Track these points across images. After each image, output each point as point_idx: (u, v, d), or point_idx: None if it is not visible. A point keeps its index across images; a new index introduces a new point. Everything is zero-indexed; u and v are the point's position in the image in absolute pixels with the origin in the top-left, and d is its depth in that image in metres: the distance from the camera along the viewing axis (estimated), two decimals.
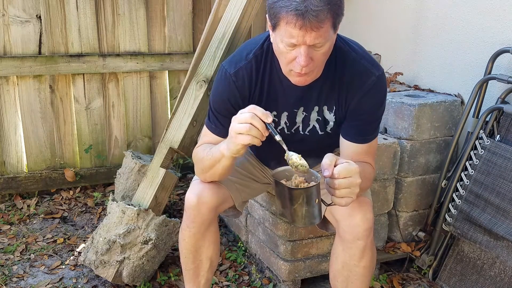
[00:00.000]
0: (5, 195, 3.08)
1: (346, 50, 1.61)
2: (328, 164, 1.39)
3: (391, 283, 2.32)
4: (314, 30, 1.36)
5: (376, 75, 1.60)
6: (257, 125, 1.40)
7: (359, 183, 1.40)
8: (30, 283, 2.31)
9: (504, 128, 2.14)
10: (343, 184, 1.38)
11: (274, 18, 1.41)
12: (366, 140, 1.66)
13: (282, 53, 1.47)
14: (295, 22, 1.35)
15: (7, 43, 2.91)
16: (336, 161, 1.40)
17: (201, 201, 1.68)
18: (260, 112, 1.41)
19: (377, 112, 1.66)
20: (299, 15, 1.34)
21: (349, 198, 1.41)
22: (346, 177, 1.38)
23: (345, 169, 1.38)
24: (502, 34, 2.20)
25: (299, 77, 1.50)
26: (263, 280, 2.31)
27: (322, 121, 1.70)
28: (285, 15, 1.36)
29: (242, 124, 1.41)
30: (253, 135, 1.41)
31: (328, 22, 1.37)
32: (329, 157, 1.41)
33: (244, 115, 1.42)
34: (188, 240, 1.76)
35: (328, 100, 1.65)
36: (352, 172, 1.39)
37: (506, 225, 2.02)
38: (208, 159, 1.61)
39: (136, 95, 3.23)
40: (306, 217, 1.45)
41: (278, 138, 1.43)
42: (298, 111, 1.68)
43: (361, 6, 3.01)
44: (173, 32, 3.23)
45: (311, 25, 1.35)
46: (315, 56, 1.44)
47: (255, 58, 1.62)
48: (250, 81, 1.63)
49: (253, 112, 1.41)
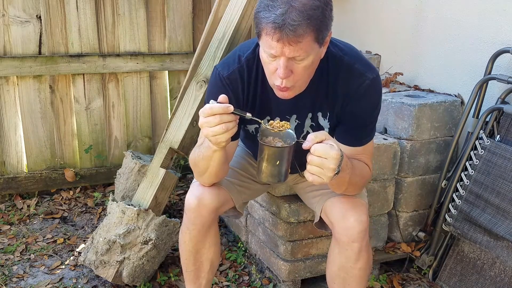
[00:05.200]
0: (5, 195, 3.08)
1: (338, 55, 1.60)
2: (311, 138, 1.39)
3: (391, 283, 2.32)
4: (291, 44, 1.35)
5: (370, 78, 1.58)
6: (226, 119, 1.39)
7: (333, 169, 1.38)
8: (30, 283, 2.31)
9: (504, 128, 2.14)
10: (314, 161, 1.37)
11: (257, 27, 1.41)
12: (361, 143, 1.66)
13: (265, 63, 1.47)
14: (272, 35, 1.35)
15: (7, 43, 2.91)
16: (324, 139, 1.39)
17: (201, 203, 1.68)
18: (220, 109, 1.39)
19: (371, 115, 1.65)
20: (277, 28, 1.33)
21: (318, 178, 1.39)
22: (321, 157, 1.37)
23: (323, 149, 1.37)
24: (502, 34, 2.20)
25: (281, 91, 1.50)
26: (263, 280, 2.31)
27: (316, 128, 1.69)
28: (264, 26, 1.36)
29: (212, 128, 1.40)
30: (227, 131, 1.40)
31: (308, 37, 1.35)
32: (318, 133, 1.41)
33: (208, 119, 1.40)
34: (189, 242, 1.76)
35: (322, 106, 1.65)
36: (328, 155, 1.37)
37: (506, 225, 2.02)
38: (200, 159, 1.61)
39: (136, 95, 3.23)
40: (264, 173, 1.47)
41: (248, 115, 1.44)
42: (290, 118, 1.68)
43: (361, 6, 3.01)
44: (173, 32, 3.23)
45: (288, 39, 1.34)
46: (296, 70, 1.43)
47: (247, 62, 1.62)
48: (242, 84, 1.63)
49: (215, 113, 1.39)
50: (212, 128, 1.40)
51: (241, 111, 1.44)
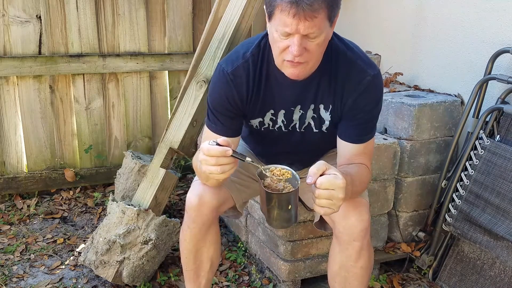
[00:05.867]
0: (5, 195, 3.09)
1: (342, 49, 1.62)
2: (313, 172, 1.38)
3: (391, 283, 2.32)
4: (307, 20, 1.36)
5: (371, 75, 1.60)
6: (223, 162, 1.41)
7: (342, 198, 1.37)
8: (30, 283, 2.31)
9: (504, 128, 2.14)
10: (322, 195, 1.37)
11: (270, 6, 1.42)
12: (362, 140, 1.66)
13: (276, 42, 1.46)
14: (288, 10, 1.36)
15: (7, 43, 2.91)
16: (325, 171, 1.39)
17: (202, 201, 1.68)
18: (218, 153, 1.40)
19: (372, 111, 1.66)
20: (293, 2, 1.35)
21: (329, 209, 1.39)
22: (328, 189, 1.36)
23: (328, 181, 1.36)
24: (502, 34, 2.20)
25: (292, 67, 1.49)
26: (263, 280, 2.31)
27: (318, 119, 1.70)
28: (280, 2, 1.37)
29: (210, 167, 1.42)
30: (223, 173, 1.42)
31: (322, 13, 1.38)
32: (318, 165, 1.40)
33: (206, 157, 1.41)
34: (189, 241, 1.76)
35: (324, 98, 1.66)
36: (335, 186, 1.36)
37: (506, 225, 2.02)
38: (200, 172, 1.61)
39: (136, 95, 3.23)
40: (278, 220, 1.45)
41: (248, 159, 1.44)
42: (295, 109, 1.69)
43: (361, 6, 3.01)
44: (173, 32, 3.23)
45: (304, 14, 1.35)
46: (309, 47, 1.44)
47: (252, 57, 1.63)
48: (247, 79, 1.63)
49: (212, 155, 1.40)
50: (210, 167, 1.42)
51: (240, 155, 1.43)
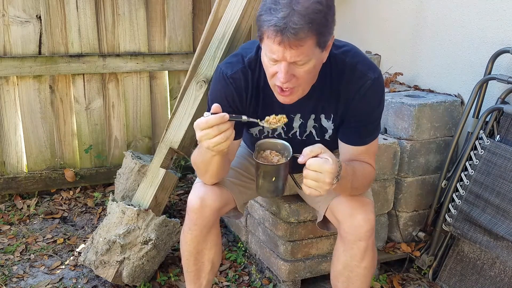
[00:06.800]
0: (5, 195, 3.09)
1: (340, 57, 1.60)
2: (306, 153, 1.41)
3: (391, 283, 2.32)
4: (293, 48, 1.35)
5: (372, 78, 1.59)
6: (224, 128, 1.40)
7: (328, 183, 1.39)
8: (30, 283, 2.31)
9: (504, 128, 2.14)
10: (309, 175, 1.40)
11: (259, 31, 1.41)
12: (364, 142, 1.65)
13: (266, 66, 1.47)
14: (273, 38, 1.35)
15: (7, 43, 2.91)
16: (319, 153, 1.41)
17: (204, 203, 1.68)
18: (217, 120, 1.39)
19: (373, 114, 1.65)
20: (278, 31, 1.33)
21: (315, 191, 1.41)
22: (316, 171, 1.38)
23: (317, 163, 1.39)
24: (502, 34, 2.20)
25: (281, 94, 1.50)
26: (263, 280, 2.31)
27: (319, 128, 1.70)
28: (266, 29, 1.36)
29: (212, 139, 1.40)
30: (227, 139, 1.41)
31: (309, 40, 1.35)
32: (313, 147, 1.42)
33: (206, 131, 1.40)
34: (190, 243, 1.75)
35: (325, 109, 1.66)
36: (323, 169, 1.38)
37: (506, 225, 2.02)
38: (200, 162, 1.63)
39: (136, 95, 3.23)
40: (261, 188, 1.52)
41: (244, 117, 1.45)
42: (295, 117, 1.68)
43: (361, 6, 3.01)
44: (173, 32, 3.23)
45: (289, 42, 1.34)
46: (298, 73, 1.43)
47: (249, 64, 1.63)
48: (246, 84, 1.63)
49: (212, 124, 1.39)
50: (212, 140, 1.41)
51: (236, 116, 1.44)
